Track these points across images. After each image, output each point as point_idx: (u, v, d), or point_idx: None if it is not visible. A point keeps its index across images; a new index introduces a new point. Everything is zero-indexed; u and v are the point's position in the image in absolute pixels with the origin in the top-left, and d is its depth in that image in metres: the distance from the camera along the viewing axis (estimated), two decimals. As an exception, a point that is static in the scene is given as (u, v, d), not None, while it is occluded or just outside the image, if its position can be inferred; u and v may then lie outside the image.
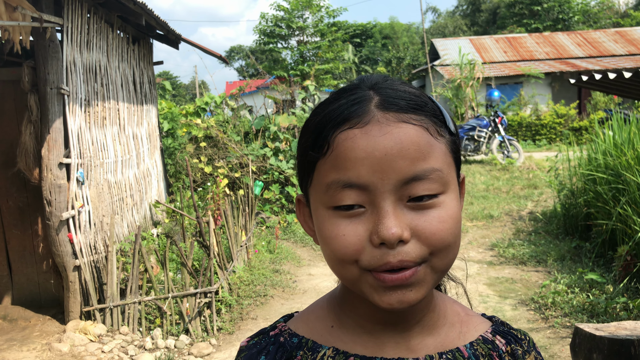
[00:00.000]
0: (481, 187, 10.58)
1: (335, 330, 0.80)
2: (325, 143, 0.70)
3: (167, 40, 8.21)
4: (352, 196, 0.68)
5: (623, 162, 5.92)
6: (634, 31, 24.46)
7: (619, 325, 2.50)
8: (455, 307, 0.85)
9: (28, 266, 5.49)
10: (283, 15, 23.60)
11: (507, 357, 0.80)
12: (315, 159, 0.72)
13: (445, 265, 0.71)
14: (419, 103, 0.71)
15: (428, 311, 0.79)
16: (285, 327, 0.84)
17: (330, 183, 0.69)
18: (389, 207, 0.67)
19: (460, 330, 0.81)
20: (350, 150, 0.68)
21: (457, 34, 39.15)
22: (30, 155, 4.83)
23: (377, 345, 0.78)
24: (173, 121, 10.10)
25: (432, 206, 0.69)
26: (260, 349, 0.81)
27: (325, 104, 0.74)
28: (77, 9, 5.10)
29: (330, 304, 0.84)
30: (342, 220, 0.69)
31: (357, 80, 0.77)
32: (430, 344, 0.78)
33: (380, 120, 0.68)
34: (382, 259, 0.67)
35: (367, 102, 0.70)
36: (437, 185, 0.69)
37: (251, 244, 6.90)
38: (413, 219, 0.68)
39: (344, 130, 0.69)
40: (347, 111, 0.70)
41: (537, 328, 4.66)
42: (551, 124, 17.84)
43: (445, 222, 0.68)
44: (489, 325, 0.84)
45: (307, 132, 0.74)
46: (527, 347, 0.82)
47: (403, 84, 0.75)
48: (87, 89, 5.34)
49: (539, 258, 6.52)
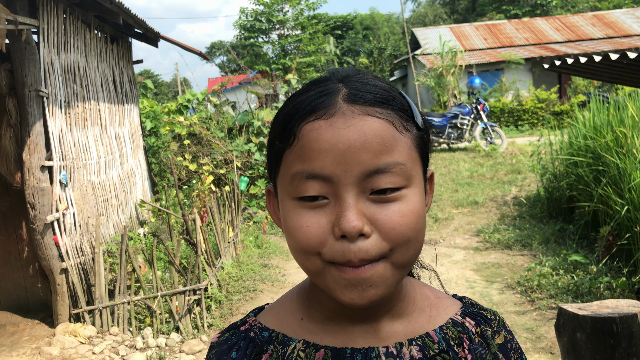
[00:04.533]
0: (465, 174, 10.67)
1: (305, 322, 0.81)
2: (291, 134, 0.70)
3: (146, 38, 8.14)
4: (315, 187, 0.68)
5: (602, 144, 6.01)
6: (611, 14, 24.70)
7: (601, 304, 2.55)
8: (424, 291, 0.84)
9: (14, 271, 5.44)
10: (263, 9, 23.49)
11: (476, 338, 0.80)
12: (282, 149, 0.72)
13: (406, 261, 0.71)
14: (386, 97, 0.71)
15: (397, 300, 0.79)
16: (256, 321, 0.84)
17: (295, 173, 0.69)
18: (351, 199, 0.67)
19: (430, 314, 0.81)
20: (314, 141, 0.68)
21: (437, 22, 39.25)
22: (11, 159, 4.78)
23: (346, 335, 0.78)
24: (156, 120, 10.03)
25: (394, 200, 0.69)
26: (231, 345, 0.81)
27: (295, 96, 0.75)
28: (53, 10, 5.04)
29: (299, 297, 0.84)
30: (306, 211, 0.69)
31: (328, 72, 0.77)
32: (400, 331, 0.78)
33: (346, 113, 0.68)
34: (344, 255, 0.67)
35: (334, 95, 0.71)
36: (399, 179, 0.69)
37: (239, 239, 6.90)
38: (375, 212, 0.68)
39: (309, 122, 0.69)
40: (314, 102, 0.70)
41: (523, 311, 4.73)
42: (533, 109, 17.99)
43: (405, 216, 0.69)
44: (459, 307, 0.84)
45: (276, 124, 0.75)
46: (497, 327, 0.82)
47: (374, 78, 0.75)
48: (66, 90, 5.29)
49: (524, 242, 6.61)
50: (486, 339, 0.80)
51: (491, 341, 0.80)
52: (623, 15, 24.37)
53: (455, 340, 0.78)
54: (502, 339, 0.82)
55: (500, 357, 0.80)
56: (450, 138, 12.99)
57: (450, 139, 13.00)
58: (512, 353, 0.82)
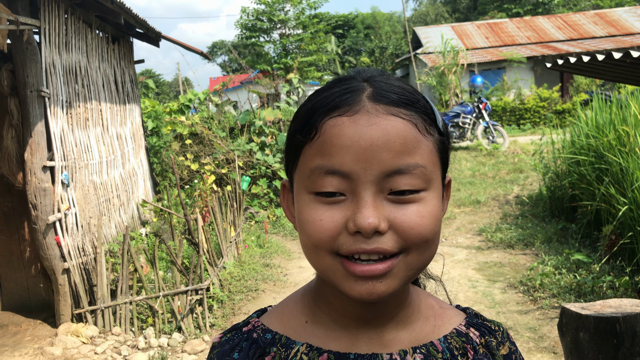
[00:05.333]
0: (467, 173, 10.65)
1: (309, 325, 0.80)
2: (313, 128, 0.71)
3: (147, 38, 8.14)
4: (333, 183, 0.68)
5: (605, 143, 5.99)
6: (613, 12, 24.64)
7: (604, 304, 2.54)
8: (429, 301, 0.84)
9: (16, 271, 5.45)
10: (264, 8, 23.46)
11: (481, 349, 0.80)
12: (302, 143, 0.72)
13: (422, 263, 0.71)
14: (411, 99, 0.72)
15: (403, 307, 0.79)
16: (259, 322, 0.83)
17: (314, 168, 0.70)
18: (369, 197, 0.67)
19: (435, 323, 0.81)
20: (336, 137, 0.68)
21: (438, 21, 39.20)
22: (13, 160, 4.78)
23: (351, 340, 0.77)
24: (157, 119, 10.03)
25: (413, 201, 0.69)
26: (233, 346, 0.81)
27: (319, 92, 0.75)
28: (54, 10, 5.04)
29: (304, 299, 0.83)
30: (322, 206, 0.69)
31: (353, 71, 0.77)
32: (404, 339, 0.78)
33: (370, 111, 0.69)
34: (356, 244, 0.67)
35: (359, 92, 0.71)
36: (419, 181, 0.69)
37: (240, 239, 6.90)
38: (392, 211, 0.68)
39: (332, 117, 0.69)
40: (338, 99, 0.71)
41: (526, 310, 4.72)
42: (535, 108, 17.96)
43: (424, 217, 0.69)
44: (463, 318, 0.84)
45: (298, 118, 0.75)
46: (501, 338, 0.82)
47: (399, 80, 0.76)
48: (68, 90, 5.29)
49: (527, 241, 6.59)
50: (491, 349, 0.80)
51: (496, 352, 0.80)
52: (625, 13, 24.30)
53: (460, 350, 0.78)
54: (506, 350, 0.82)
55: None
56: (451, 137, 12.98)
57: (452, 138, 13.00)
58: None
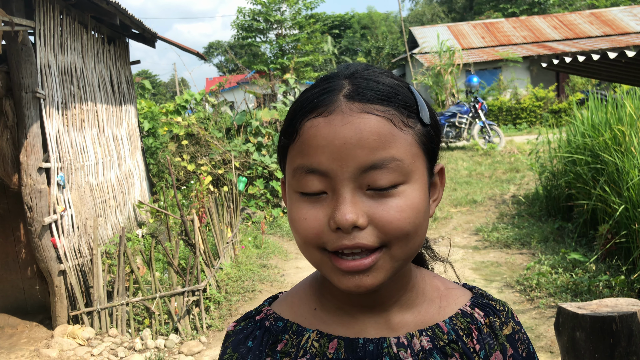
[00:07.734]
0: (464, 173, 10.67)
1: (318, 312, 0.83)
2: (294, 130, 0.73)
3: (143, 39, 8.12)
4: (315, 182, 0.71)
5: (601, 142, 6.01)
6: (608, 12, 24.71)
7: (600, 303, 2.55)
8: (434, 282, 0.86)
9: (12, 273, 5.43)
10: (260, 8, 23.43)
11: (485, 329, 0.82)
12: (286, 144, 0.75)
13: (406, 254, 0.73)
14: (388, 94, 0.72)
15: (406, 290, 0.81)
16: (270, 310, 0.86)
17: (297, 168, 0.73)
18: (347, 193, 0.69)
19: (440, 305, 0.83)
20: (313, 137, 0.71)
21: (435, 21, 39.25)
22: (8, 161, 4.77)
23: (358, 326, 0.80)
24: (153, 120, 10.01)
25: (392, 195, 0.70)
26: (247, 334, 0.83)
27: (303, 93, 0.77)
28: (49, 10, 5.02)
29: (312, 287, 0.86)
30: (306, 205, 0.72)
31: (337, 68, 0.79)
32: (410, 322, 0.80)
33: (344, 110, 0.70)
34: (338, 241, 0.70)
35: (336, 92, 0.72)
36: (396, 175, 0.70)
37: (237, 240, 6.89)
38: (371, 206, 0.69)
39: (310, 119, 0.72)
40: (316, 100, 0.73)
41: (523, 310, 4.73)
42: (531, 108, 17.99)
43: (403, 211, 0.70)
44: (469, 298, 0.86)
45: (285, 119, 0.77)
46: (505, 318, 0.84)
47: (383, 73, 0.76)
48: (63, 91, 5.27)
49: (523, 240, 6.60)
50: (494, 329, 0.82)
51: (499, 332, 0.82)
52: (620, 12, 24.38)
53: (465, 331, 0.81)
54: (509, 330, 0.84)
55: (507, 347, 0.82)
56: (448, 137, 13.00)
57: (448, 138, 13.02)
58: (519, 344, 0.84)
